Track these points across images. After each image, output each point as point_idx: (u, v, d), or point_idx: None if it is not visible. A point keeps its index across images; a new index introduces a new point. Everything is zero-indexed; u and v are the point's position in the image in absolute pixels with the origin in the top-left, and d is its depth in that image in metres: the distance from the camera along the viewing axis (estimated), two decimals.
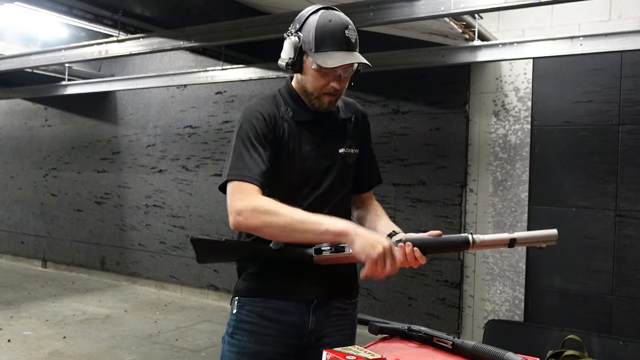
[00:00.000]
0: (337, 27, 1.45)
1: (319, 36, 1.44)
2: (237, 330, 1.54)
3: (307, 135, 1.54)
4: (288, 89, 1.59)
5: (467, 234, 1.41)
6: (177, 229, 5.93)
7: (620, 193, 3.71)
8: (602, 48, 3.33)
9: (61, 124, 7.00)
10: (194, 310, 5.32)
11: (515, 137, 4.05)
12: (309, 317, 1.54)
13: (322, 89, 1.50)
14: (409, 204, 4.46)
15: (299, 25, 1.49)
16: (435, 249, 1.43)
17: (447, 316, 4.31)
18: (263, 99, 1.57)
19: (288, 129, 1.52)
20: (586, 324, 3.74)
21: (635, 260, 3.67)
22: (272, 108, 1.52)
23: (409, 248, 1.38)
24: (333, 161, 1.57)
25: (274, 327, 1.52)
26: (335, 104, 1.57)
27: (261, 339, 1.52)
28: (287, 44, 1.50)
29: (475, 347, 1.30)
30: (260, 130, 1.47)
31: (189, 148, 5.85)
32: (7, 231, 7.59)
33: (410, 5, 2.88)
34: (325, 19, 1.46)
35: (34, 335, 4.34)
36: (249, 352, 1.52)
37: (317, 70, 1.47)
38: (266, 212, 1.38)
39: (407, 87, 4.49)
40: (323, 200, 1.55)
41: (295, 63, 1.49)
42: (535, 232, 1.41)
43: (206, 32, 3.69)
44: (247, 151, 1.45)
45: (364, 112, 1.71)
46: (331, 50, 1.44)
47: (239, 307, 1.56)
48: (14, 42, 5.21)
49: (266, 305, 1.53)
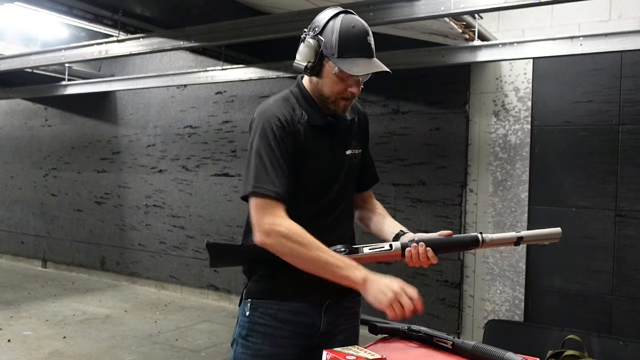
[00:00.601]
0: (361, 33, 1.46)
1: (343, 42, 1.44)
2: (252, 333, 1.54)
3: (321, 139, 1.55)
4: (300, 91, 1.57)
5: (477, 234, 1.47)
6: (177, 229, 5.93)
7: (620, 193, 3.71)
8: (602, 48, 3.33)
9: (61, 124, 7.00)
10: (194, 310, 5.32)
11: (515, 137, 4.05)
12: (321, 318, 1.55)
13: (341, 94, 1.50)
14: (409, 204, 4.45)
15: (319, 29, 1.48)
16: (447, 248, 1.50)
17: (447, 316, 4.31)
18: (277, 100, 1.55)
19: (304, 133, 1.52)
20: (586, 324, 3.74)
21: (635, 260, 3.67)
22: (289, 112, 1.51)
23: (422, 248, 1.44)
24: (342, 163, 1.59)
25: (287, 329, 1.53)
26: (348, 108, 1.57)
27: (276, 341, 1.52)
28: (306, 47, 1.49)
29: (475, 347, 1.30)
30: (282, 139, 1.46)
31: (189, 148, 5.85)
32: (7, 231, 7.59)
33: (410, 5, 2.87)
34: (348, 24, 1.45)
35: (34, 335, 4.34)
36: (265, 355, 1.52)
37: (337, 75, 1.47)
38: (296, 242, 1.40)
39: (407, 87, 4.48)
40: (335, 203, 1.57)
41: (315, 67, 1.48)
42: (540, 230, 1.47)
43: (206, 32, 3.69)
44: (270, 163, 1.44)
45: (364, 113, 1.72)
46: (355, 57, 1.45)
47: (252, 309, 1.55)
48: (14, 42, 5.21)
49: (280, 308, 1.53)
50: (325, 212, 1.53)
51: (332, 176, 1.56)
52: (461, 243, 1.51)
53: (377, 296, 1.35)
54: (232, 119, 5.56)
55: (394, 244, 1.48)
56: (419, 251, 1.43)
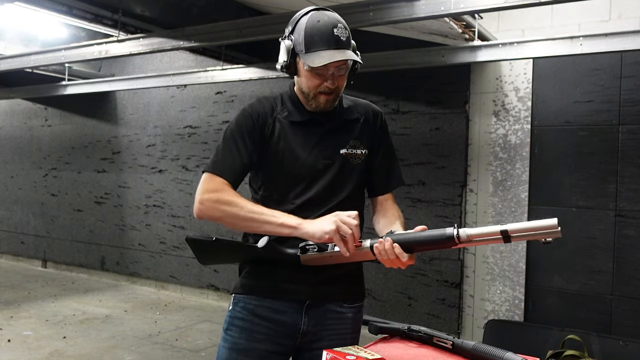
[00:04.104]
0: (326, 26, 1.46)
1: (308, 37, 1.45)
2: (231, 327, 1.57)
3: (302, 135, 1.55)
4: (289, 92, 1.61)
5: (452, 228, 1.28)
6: (177, 229, 5.93)
7: (620, 193, 3.71)
8: (602, 48, 3.33)
9: (61, 124, 7.00)
10: (194, 310, 5.32)
11: (515, 137, 4.05)
12: (302, 317, 1.54)
13: (317, 89, 1.50)
14: (409, 204, 4.45)
15: (291, 28, 1.51)
16: (417, 244, 1.33)
17: (447, 316, 4.31)
18: (262, 98, 1.62)
19: (279, 128, 1.55)
20: (586, 324, 3.74)
21: (635, 260, 3.67)
22: (265, 107, 1.57)
23: (388, 244, 1.33)
24: (332, 161, 1.56)
25: (265, 325, 1.54)
26: (333, 104, 1.55)
27: (252, 336, 1.54)
28: (282, 47, 1.52)
29: (475, 347, 1.30)
30: (246, 128, 1.53)
31: (189, 148, 5.85)
32: (7, 231, 7.59)
33: (410, 5, 2.87)
34: (314, 19, 1.47)
35: (34, 335, 4.34)
36: (240, 348, 1.54)
37: (308, 70, 1.48)
38: (227, 203, 1.45)
39: (407, 87, 4.49)
40: (323, 199, 1.54)
41: (289, 65, 1.51)
42: (530, 222, 1.22)
43: (206, 32, 3.68)
44: (226, 146, 1.52)
45: (377, 112, 1.66)
46: (320, 50, 1.44)
47: (234, 303, 1.59)
48: (14, 42, 5.21)
49: (259, 304, 1.55)
50: (313, 206, 1.51)
51: (316, 173, 1.54)
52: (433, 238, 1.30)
53: (318, 230, 1.38)
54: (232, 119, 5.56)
55: (364, 242, 1.39)
56: (385, 247, 1.32)
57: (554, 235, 1.19)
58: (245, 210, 1.44)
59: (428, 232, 1.34)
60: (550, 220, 1.19)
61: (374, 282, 4.54)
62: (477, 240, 1.27)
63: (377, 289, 4.59)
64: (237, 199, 1.46)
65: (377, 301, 4.59)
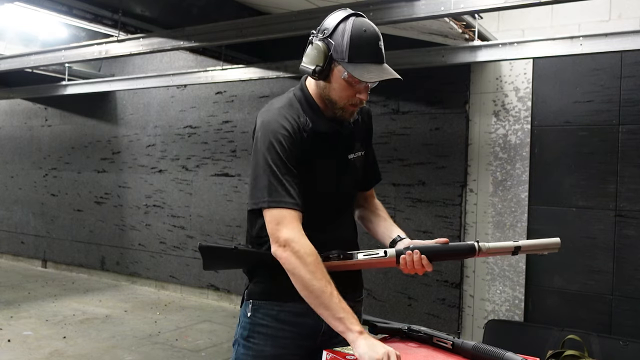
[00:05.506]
0: (372, 38, 1.42)
1: (354, 46, 1.40)
2: (254, 334, 1.54)
3: (324, 146, 1.52)
4: (304, 96, 1.53)
5: (474, 242, 1.43)
6: (177, 229, 5.92)
7: (620, 193, 3.71)
8: (602, 48, 3.33)
9: (61, 124, 7.00)
10: (194, 310, 5.32)
11: (515, 137, 4.05)
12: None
13: (349, 100, 1.47)
14: (409, 204, 4.45)
15: (328, 32, 1.43)
16: (442, 256, 1.47)
17: (447, 316, 4.31)
18: (283, 108, 1.50)
19: (309, 141, 1.48)
20: (586, 324, 3.74)
21: (635, 260, 3.66)
22: (294, 120, 1.47)
23: (417, 256, 1.41)
24: (346, 168, 1.57)
25: (289, 330, 1.53)
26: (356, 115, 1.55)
27: (278, 342, 1.52)
28: (315, 50, 1.44)
29: (475, 347, 1.30)
30: (290, 150, 1.43)
31: (189, 148, 5.85)
32: (7, 231, 7.59)
33: (410, 5, 2.88)
34: (359, 28, 1.41)
35: (34, 335, 4.34)
36: (266, 356, 1.52)
37: (346, 80, 1.43)
38: (307, 264, 1.36)
39: (407, 87, 4.46)
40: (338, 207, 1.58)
41: (323, 71, 1.44)
42: (539, 240, 1.47)
43: (206, 32, 3.68)
44: (282, 175, 1.41)
45: (367, 110, 1.67)
46: (366, 63, 1.41)
47: (254, 310, 1.55)
48: (14, 42, 5.21)
49: (281, 309, 1.53)
50: (329, 216, 1.51)
51: (335, 181, 1.55)
52: (457, 251, 1.49)
53: (369, 352, 1.28)
54: (232, 119, 5.56)
55: (389, 251, 1.46)
56: (414, 259, 1.41)
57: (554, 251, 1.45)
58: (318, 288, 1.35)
59: (453, 245, 1.48)
60: (555, 239, 1.45)
61: (374, 282, 4.54)
62: (493, 253, 1.46)
63: (377, 289, 4.59)
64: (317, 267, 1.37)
65: (377, 301, 4.59)
